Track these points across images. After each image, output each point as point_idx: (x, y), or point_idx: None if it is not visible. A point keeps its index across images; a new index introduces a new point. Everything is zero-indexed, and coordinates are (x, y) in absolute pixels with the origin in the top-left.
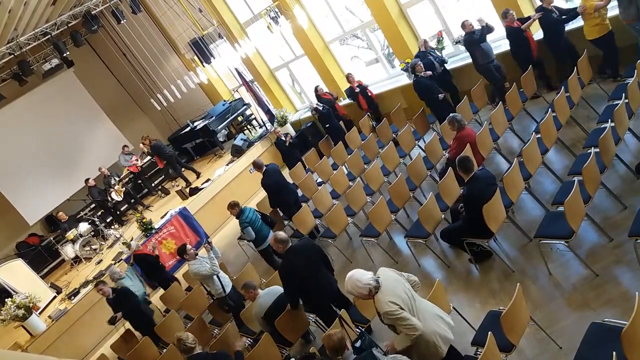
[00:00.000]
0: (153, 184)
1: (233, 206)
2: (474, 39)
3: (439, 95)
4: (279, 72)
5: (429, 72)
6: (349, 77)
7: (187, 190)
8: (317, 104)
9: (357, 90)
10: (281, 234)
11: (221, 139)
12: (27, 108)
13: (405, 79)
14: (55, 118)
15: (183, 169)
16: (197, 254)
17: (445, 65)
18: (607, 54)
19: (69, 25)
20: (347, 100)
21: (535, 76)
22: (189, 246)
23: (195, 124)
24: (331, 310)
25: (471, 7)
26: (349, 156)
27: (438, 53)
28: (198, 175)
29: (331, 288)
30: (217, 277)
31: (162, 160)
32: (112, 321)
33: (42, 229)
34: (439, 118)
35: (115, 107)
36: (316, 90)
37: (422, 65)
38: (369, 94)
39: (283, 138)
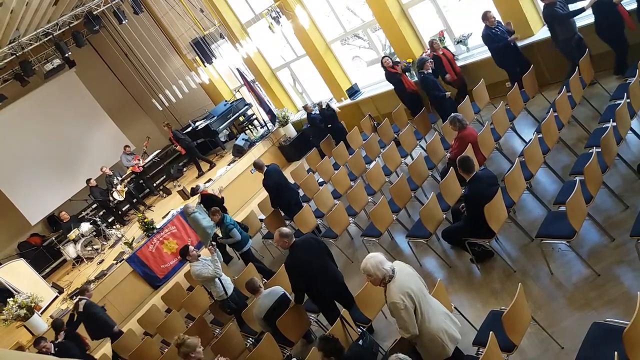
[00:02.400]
0: (155, 184)
1: (214, 213)
2: (556, 14)
3: (445, 93)
4: (281, 72)
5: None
6: (433, 44)
7: (189, 189)
8: (320, 103)
9: (442, 57)
10: (284, 229)
11: (223, 139)
12: (29, 108)
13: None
14: (57, 118)
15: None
16: (199, 256)
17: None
18: None
19: (71, 25)
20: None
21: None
22: (191, 247)
23: (197, 123)
24: (335, 306)
25: (473, 6)
26: (350, 156)
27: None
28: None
29: (337, 281)
30: (219, 279)
31: (182, 147)
32: None
33: (44, 229)
34: (442, 116)
35: (117, 107)
36: (382, 62)
37: (431, 62)
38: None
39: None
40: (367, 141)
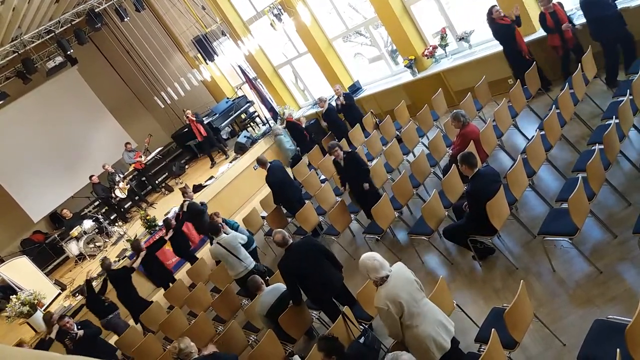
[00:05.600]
0: (157, 181)
1: (217, 215)
2: None
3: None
4: (282, 70)
5: None
6: None
7: (191, 187)
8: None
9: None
10: (279, 236)
11: (225, 137)
12: (31, 106)
13: (408, 76)
14: (59, 116)
15: (213, 150)
16: None
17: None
18: None
19: (73, 23)
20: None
21: None
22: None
23: None
24: (334, 304)
25: (474, 3)
26: None
27: None
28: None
29: (332, 284)
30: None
31: (205, 130)
32: None
33: (47, 226)
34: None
35: (119, 104)
36: (490, 12)
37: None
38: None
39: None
40: (369, 138)
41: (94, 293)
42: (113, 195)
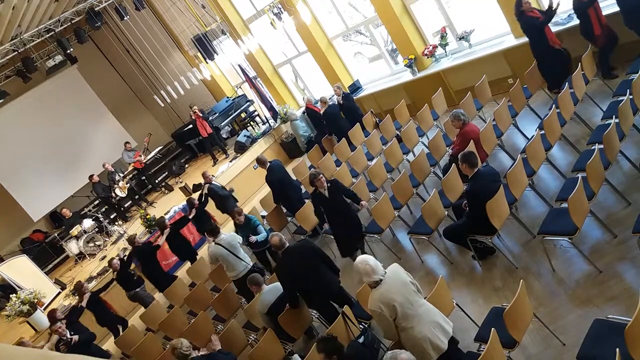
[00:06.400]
0: (157, 180)
1: (240, 213)
2: None
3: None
4: (282, 69)
5: None
6: None
7: (191, 186)
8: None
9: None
10: (274, 239)
11: (225, 136)
12: (31, 105)
13: (408, 75)
14: (59, 115)
15: (214, 149)
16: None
17: None
18: None
19: (73, 21)
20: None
21: None
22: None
23: None
24: (331, 306)
25: (474, 2)
26: (352, 153)
27: None
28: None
29: (330, 287)
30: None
31: (210, 127)
32: None
33: (47, 225)
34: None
35: (119, 103)
36: (519, 4)
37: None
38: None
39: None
40: (368, 138)
41: (125, 267)
42: (113, 194)
